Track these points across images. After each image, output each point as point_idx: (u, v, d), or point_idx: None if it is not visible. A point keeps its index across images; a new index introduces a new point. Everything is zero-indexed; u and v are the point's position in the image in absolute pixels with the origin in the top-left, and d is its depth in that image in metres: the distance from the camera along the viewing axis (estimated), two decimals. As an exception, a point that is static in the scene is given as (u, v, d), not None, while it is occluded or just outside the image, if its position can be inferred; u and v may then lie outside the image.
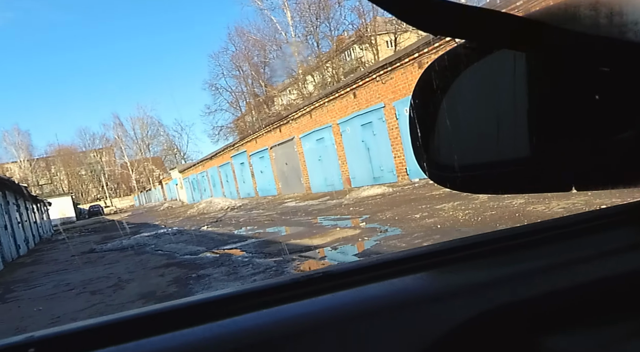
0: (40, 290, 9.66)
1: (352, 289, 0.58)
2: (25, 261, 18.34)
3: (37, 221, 33.33)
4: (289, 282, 0.59)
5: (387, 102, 18.98)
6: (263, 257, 8.13)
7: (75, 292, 8.45)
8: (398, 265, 0.63)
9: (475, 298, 0.57)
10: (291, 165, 28.23)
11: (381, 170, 20.04)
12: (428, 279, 0.62)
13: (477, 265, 0.64)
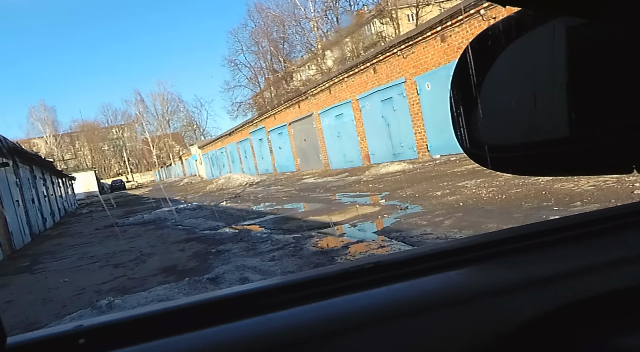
0: (65, 262, 9.88)
1: (406, 282, 0.54)
2: (52, 233, 18.75)
3: (62, 194, 33.90)
4: (339, 272, 0.56)
5: (408, 77, 18.71)
6: (282, 233, 8.13)
7: (99, 265, 8.60)
8: (453, 256, 0.59)
9: (543, 292, 0.52)
10: (310, 142, 28.15)
11: (401, 146, 19.88)
12: (487, 272, 0.57)
13: (541, 256, 0.58)
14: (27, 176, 20.05)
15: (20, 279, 8.95)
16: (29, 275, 9.17)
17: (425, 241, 5.63)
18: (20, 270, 9.96)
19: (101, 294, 6.06)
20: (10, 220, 14.24)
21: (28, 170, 20.43)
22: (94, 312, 4.90)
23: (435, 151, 17.91)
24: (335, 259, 5.58)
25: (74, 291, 6.70)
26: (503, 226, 5.60)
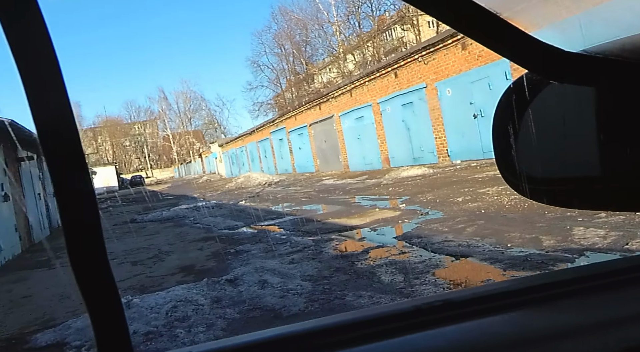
0: (83, 257, 9.93)
1: (475, 321, 0.50)
2: (70, 227, 18.88)
3: (82, 189, 34.32)
4: (410, 309, 0.53)
5: (429, 83, 18.67)
6: (301, 235, 8.10)
7: (117, 262, 8.59)
8: (521, 295, 0.56)
9: (611, 336, 0.48)
10: (330, 143, 28.15)
11: (421, 150, 19.79)
12: (555, 313, 0.54)
13: (608, 298, 0.55)
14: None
15: (38, 273, 9.00)
16: (47, 269, 9.23)
17: (447, 249, 5.56)
18: (38, 264, 10.03)
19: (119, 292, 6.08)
20: (30, 213, 14.41)
21: (51, 164, 20.70)
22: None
23: (455, 156, 17.79)
24: (355, 264, 5.53)
25: (92, 287, 6.74)
26: (526, 235, 5.51)
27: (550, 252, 4.72)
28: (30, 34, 0.36)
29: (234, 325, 4.07)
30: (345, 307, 4.07)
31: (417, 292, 4.16)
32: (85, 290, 0.40)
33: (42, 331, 4.84)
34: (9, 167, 13.05)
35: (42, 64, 0.37)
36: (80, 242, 0.41)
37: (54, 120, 0.37)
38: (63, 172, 0.38)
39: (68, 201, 0.39)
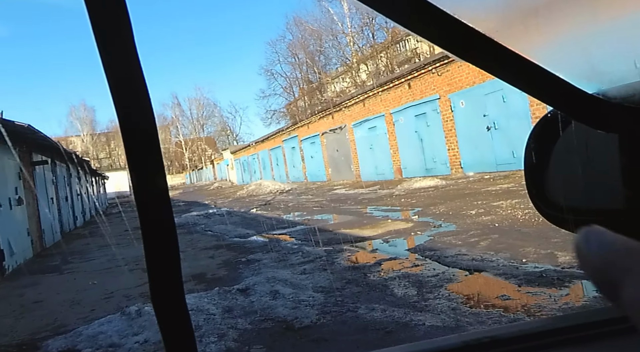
0: (94, 263, 9.95)
1: None
2: (82, 232, 18.95)
3: (94, 193, 34.38)
4: (459, 345, 0.51)
5: (442, 94, 18.65)
6: (312, 245, 8.07)
7: (129, 268, 8.61)
8: (573, 332, 0.54)
9: None
10: (342, 152, 28.15)
11: (434, 161, 19.72)
12: None
13: None
14: (64, 174, 20.38)
15: (49, 278, 8.99)
16: (58, 275, 9.22)
17: (461, 262, 5.51)
18: (50, 269, 10.02)
19: (130, 299, 6.03)
20: (43, 217, 14.45)
21: (65, 168, 20.80)
22: (123, 318, 4.87)
23: (468, 168, 17.70)
24: (367, 276, 5.49)
25: (103, 294, 6.70)
26: (542, 251, 5.44)
27: (566, 268, 4.65)
28: (118, 41, 0.38)
29: (245, 336, 4.04)
30: (357, 320, 4.03)
31: (431, 307, 4.11)
32: (155, 289, 0.42)
33: (53, 337, 4.82)
34: (24, 171, 13.11)
35: (127, 68, 0.39)
36: (156, 241, 0.41)
37: (136, 122, 0.39)
38: (142, 172, 0.39)
39: (145, 200, 0.40)
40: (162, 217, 0.40)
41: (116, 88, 0.38)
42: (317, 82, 55.91)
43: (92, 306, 6.03)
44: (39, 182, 14.86)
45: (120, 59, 0.38)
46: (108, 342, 4.33)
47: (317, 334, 3.88)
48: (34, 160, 14.62)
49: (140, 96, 0.39)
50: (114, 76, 0.38)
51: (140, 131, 0.39)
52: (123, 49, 0.38)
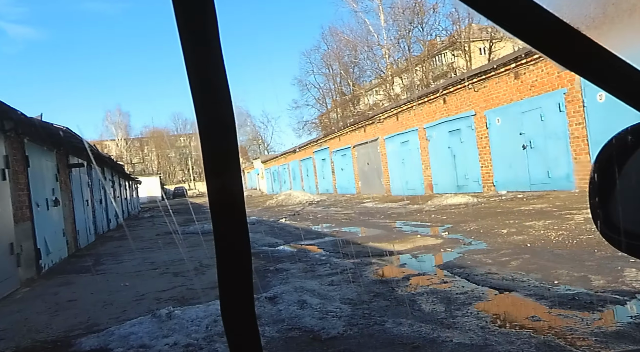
0: (126, 265, 10.13)
1: None
2: (114, 235, 19.35)
3: (127, 197, 34.93)
4: None
5: (478, 111, 18.48)
6: (341, 257, 8.08)
7: (159, 272, 8.75)
8: None
9: None
10: (373, 166, 28.12)
11: (466, 178, 19.54)
12: None
13: None
14: (98, 177, 20.78)
15: (83, 278, 9.18)
16: (91, 275, 9.38)
17: (490, 281, 5.45)
18: (84, 269, 10.22)
19: (160, 302, 6.13)
20: (78, 219, 14.75)
21: (100, 171, 21.25)
22: (154, 320, 4.96)
23: (501, 187, 17.49)
24: (395, 290, 5.48)
25: (134, 296, 6.81)
26: (574, 273, 5.35)
27: (600, 292, 4.56)
28: (204, 39, 0.39)
29: (272, 344, 4.08)
30: (384, 333, 4.03)
31: (459, 324, 4.08)
32: (224, 286, 0.42)
33: (85, 335, 4.92)
34: (60, 173, 13.42)
35: (211, 69, 0.40)
36: (228, 240, 0.42)
37: (216, 123, 0.40)
38: (217, 172, 0.40)
39: (219, 199, 0.41)
40: (236, 220, 0.41)
41: (198, 91, 0.40)
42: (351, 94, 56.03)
43: (123, 307, 6.12)
44: (75, 185, 15.18)
45: (204, 62, 0.39)
46: (139, 343, 4.40)
47: (344, 345, 3.89)
48: (71, 162, 14.98)
49: (222, 101, 0.41)
50: (197, 79, 0.39)
51: (219, 135, 0.40)
52: (208, 53, 0.39)
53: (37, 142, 11.11)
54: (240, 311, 0.43)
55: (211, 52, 0.39)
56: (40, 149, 11.40)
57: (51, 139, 11.90)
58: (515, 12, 0.46)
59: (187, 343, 4.24)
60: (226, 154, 0.40)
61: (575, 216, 9.26)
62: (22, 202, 9.54)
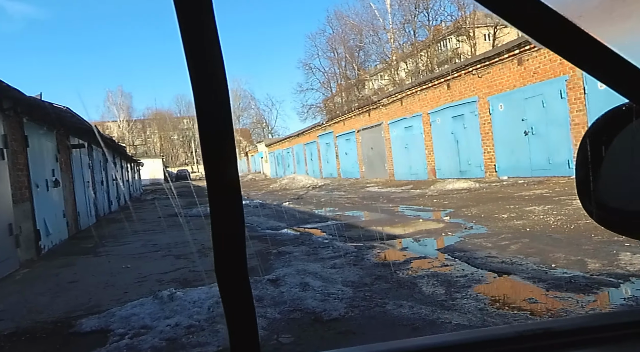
0: (128, 247, 10.18)
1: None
2: (116, 217, 19.32)
3: (129, 179, 34.83)
4: (511, 334, 0.57)
5: (481, 96, 18.47)
6: (343, 240, 8.15)
7: (161, 254, 8.80)
8: (625, 329, 0.59)
9: None
10: (377, 150, 28.12)
11: (469, 164, 19.57)
12: None
13: None
14: (100, 159, 20.66)
15: (84, 260, 9.16)
16: (93, 257, 9.41)
17: (490, 264, 5.52)
18: (85, 251, 10.21)
19: (162, 284, 6.16)
20: (78, 200, 14.68)
21: (101, 153, 21.09)
22: (156, 302, 5.01)
23: (503, 172, 17.52)
24: (396, 273, 5.55)
25: (136, 278, 6.83)
26: (572, 257, 5.42)
27: (595, 275, 4.65)
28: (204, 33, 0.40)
29: (274, 325, 4.16)
30: (385, 315, 4.11)
31: (458, 306, 4.16)
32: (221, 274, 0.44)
33: (86, 316, 4.94)
34: (61, 154, 13.26)
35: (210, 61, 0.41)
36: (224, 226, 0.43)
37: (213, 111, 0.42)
38: (215, 161, 0.42)
39: (216, 187, 0.42)
40: (232, 204, 0.43)
41: (197, 82, 0.41)
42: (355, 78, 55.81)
43: (125, 289, 6.14)
44: (76, 166, 15.08)
45: (203, 53, 0.40)
46: (140, 324, 4.44)
47: (345, 327, 3.97)
48: (72, 143, 14.87)
49: (219, 91, 0.41)
50: (196, 70, 0.40)
51: (216, 124, 0.42)
52: (207, 44, 0.40)
53: (37, 122, 11.02)
54: (237, 292, 0.44)
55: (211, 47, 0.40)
56: (40, 129, 11.31)
57: (51, 119, 11.77)
58: (513, 4, 0.49)
59: (188, 324, 4.30)
60: (223, 145, 0.42)
61: (574, 202, 9.30)
62: (22, 182, 9.49)
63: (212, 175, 0.42)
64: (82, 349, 4.15)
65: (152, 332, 4.21)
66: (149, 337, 4.12)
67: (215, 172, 0.42)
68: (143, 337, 4.12)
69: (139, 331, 4.28)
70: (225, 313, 0.44)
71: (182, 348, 3.86)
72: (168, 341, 4.02)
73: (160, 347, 3.91)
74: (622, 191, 0.72)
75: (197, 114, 0.42)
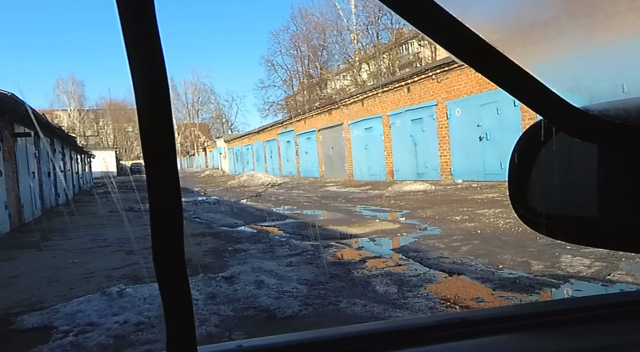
0: (76, 242, 9.85)
1: (490, 338, 0.59)
2: (64, 210, 18.62)
3: (79, 171, 33.72)
4: (432, 323, 0.62)
5: (440, 101, 18.81)
6: (300, 239, 8.18)
7: (112, 249, 8.59)
8: (534, 318, 0.66)
9: None
10: (337, 150, 28.25)
11: (425, 166, 19.88)
12: (569, 337, 0.63)
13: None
14: (47, 149, 19.91)
15: (27, 254, 8.81)
16: (37, 251, 9.03)
17: (442, 265, 5.64)
18: (28, 245, 9.83)
19: (111, 280, 5.98)
20: (23, 192, 14.13)
21: (49, 143, 20.33)
22: (104, 298, 4.89)
23: (458, 176, 17.89)
24: (351, 272, 5.61)
25: (83, 273, 6.63)
26: (518, 258, 5.61)
27: (538, 276, 4.87)
28: (140, 18, 0.39)
29: (227, 322, 4.15)
30: (339, 313, 4.15)
31: (409, 305, 4.24)
32: (160, 272, 0.44)
33: (28, 312, 4.75)
34: (4, 143, 12.68)
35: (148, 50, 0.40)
36: (163, 221, 0.43)
37: (153, 107, 0.41)
38: (154, 154, 0.41)
39: (156, 182, 0.41)
40: (171, 199, 0.42)
41: (137, 72, 0.40)
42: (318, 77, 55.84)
43: (71, 285, 5.95)
44: (20, 155, 14.47)
45: (143, 43, 0.40)
46: (86, 321, 4.31)
47: (299, 324, 3.99)
48: (16, 131, 14.23)
49: (159, 82, 0.41)
50: (136, 61, 0.39)
51: (156, 116, 0.41)
52: (147, 33, 0.39)
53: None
54: (174, 285, 0.44)
55: (150, 37, 0.40)
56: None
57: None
58: (440, 26, 0.52)
59: (138, 321, 4.22)
60: (163, 139, 0.42)
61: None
62: (-45, 170, 8.82)
63: (152, 170, 0.41)
64: (23, 347, 3.98)
65: (98, 330, 4.09)
66: (95, 334, 4.00)
67: (155, 166, 0.41)
68: (89, 335, 4.01)
69: (85, 328, 4.15)
70: (163, 307, 0.43)
71: (130, 346, 3.79)
72: (115, 338, 3.93)
73: (107, 345, 3.81)
74: (551, 198, 0.77)
75: (137, 106, 0.40)
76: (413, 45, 47.69)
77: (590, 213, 0.73)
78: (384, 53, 45.92)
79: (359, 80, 47.46)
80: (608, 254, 5.24)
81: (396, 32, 46.23)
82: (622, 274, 4.72)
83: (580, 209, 0.75)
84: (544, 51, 0.69)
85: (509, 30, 0.65)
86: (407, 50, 48.45)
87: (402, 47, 48.18)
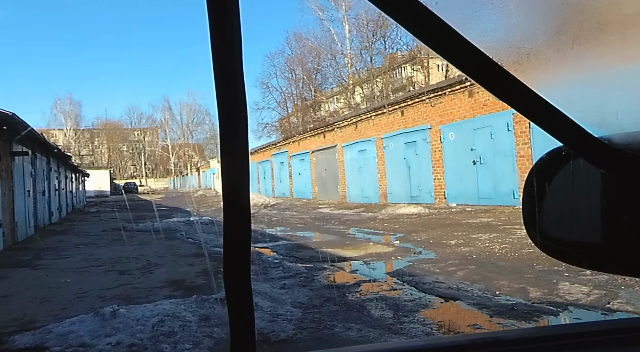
0: (69, 261, 9.77)
1: None
2: (57, 229, 18.57)
3: (72, 190, 33.53)
4: (465, 342, 0.60)
5: (433, 125, 18.93)
6: (294, 261, 8.13)
7: (104, 269, 8.53)
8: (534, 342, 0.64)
9: None
10: (330, 172, 28.28)
11: (419, 189, 19.91)
12: None
13: None
14: (43, 168, 19.92)
15: (20, 273, 8.72)
16: (30, 270, 8.97)
17: (437, 290, 5.60)
18: (21, 263, 9.76)
19: (104, 300, 5.93)
20: (17, 210, 14.06)
21: (45, 161, 20.35)
22: (96, 319, 4.83)
23: (452, 199, 17.91)
24: (346, 295, 5.55)
25: (76, 293, 6.57)
26: (515, 285, 5.56)
27: (536, 303, 4.81)
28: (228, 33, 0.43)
29: (221, 345, 4.08)
30: (333, 337, 4.09)
31: (406, 330, 4.19)
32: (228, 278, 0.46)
33: (20, 332, 4.67)
34: (2, 161, 12.69)
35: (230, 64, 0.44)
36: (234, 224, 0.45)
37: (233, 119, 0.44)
38: (231, 162, 0.44)
39: (231, 191, 0.44)
40: (241, 205, 0.45)
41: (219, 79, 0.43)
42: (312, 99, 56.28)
43: (63, 305, 5.88)
44: (17, 174, 14.46)
45: (226, 55, 0.43)
46: (79, 341, 4.24)
47: (292, 348, 3.93)
48: (14, 150, 14.22)
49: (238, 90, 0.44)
50: (220, 68, 0.43)
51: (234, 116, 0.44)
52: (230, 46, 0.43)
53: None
54: (240, 293, 0.46)
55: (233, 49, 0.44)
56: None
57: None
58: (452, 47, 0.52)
59: (131, 343, 4.16)
60: (239, 140, 0.45)
61: (518, 231, 9.58)
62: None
63: (227, 178, 0.45)
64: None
65: (91, 351, 4.05)
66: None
67: (229, 174, 0.44)
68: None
69: (77, 349, 4.10)
70: (228, 314, 0.46)
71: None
72: (108, 359, 3.88)
73: (99, 367, 3.76)
74: (562, 222, 0.78)
75: (218, 113, 0.44)
76: (406, 70, 48.23)
77: (597, 239, 0.74)
78: (377, 77, 46.38)
79: (352, 103, 47.83)
80: (607, 281, 5.22)
81: (389, 56, 46.78)
82: (622, 302, 4.68)
83: (596, 236, 0.75)
84: (557, 76, 0.70)
85: (525, 54, 0.65)
86: (400, 74, 48.96)
87: (396, 71, 48.70)
